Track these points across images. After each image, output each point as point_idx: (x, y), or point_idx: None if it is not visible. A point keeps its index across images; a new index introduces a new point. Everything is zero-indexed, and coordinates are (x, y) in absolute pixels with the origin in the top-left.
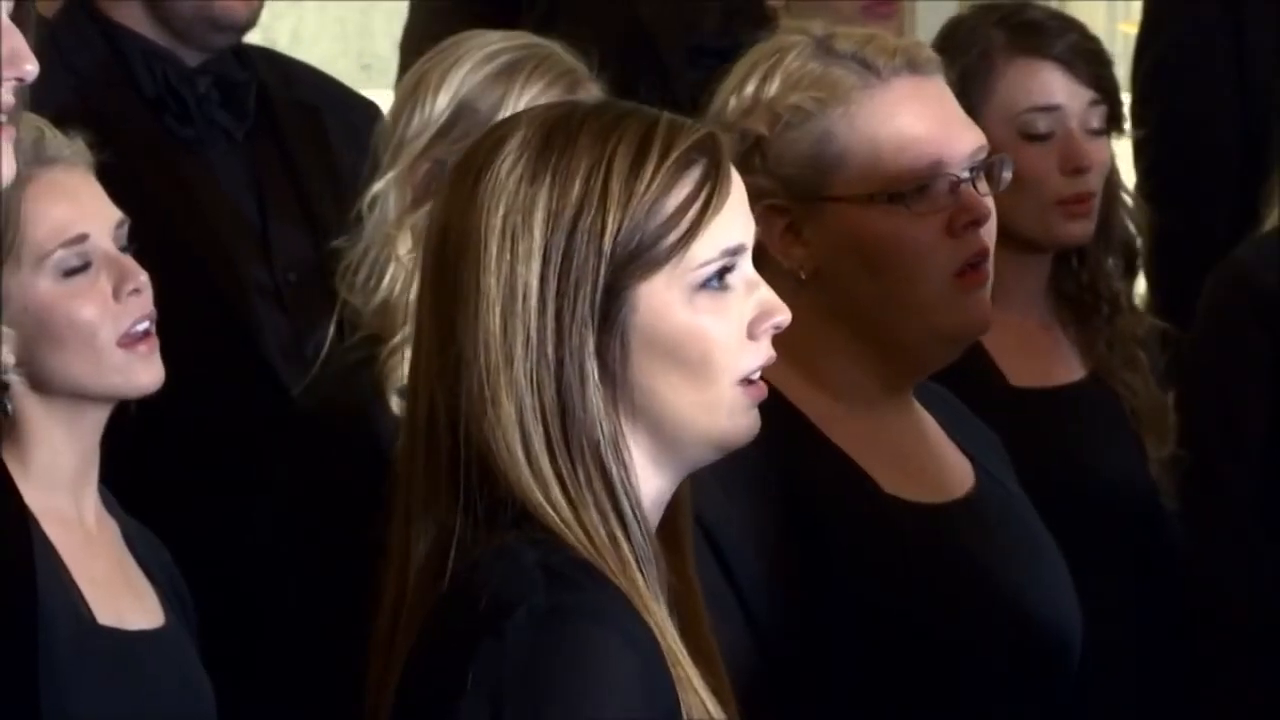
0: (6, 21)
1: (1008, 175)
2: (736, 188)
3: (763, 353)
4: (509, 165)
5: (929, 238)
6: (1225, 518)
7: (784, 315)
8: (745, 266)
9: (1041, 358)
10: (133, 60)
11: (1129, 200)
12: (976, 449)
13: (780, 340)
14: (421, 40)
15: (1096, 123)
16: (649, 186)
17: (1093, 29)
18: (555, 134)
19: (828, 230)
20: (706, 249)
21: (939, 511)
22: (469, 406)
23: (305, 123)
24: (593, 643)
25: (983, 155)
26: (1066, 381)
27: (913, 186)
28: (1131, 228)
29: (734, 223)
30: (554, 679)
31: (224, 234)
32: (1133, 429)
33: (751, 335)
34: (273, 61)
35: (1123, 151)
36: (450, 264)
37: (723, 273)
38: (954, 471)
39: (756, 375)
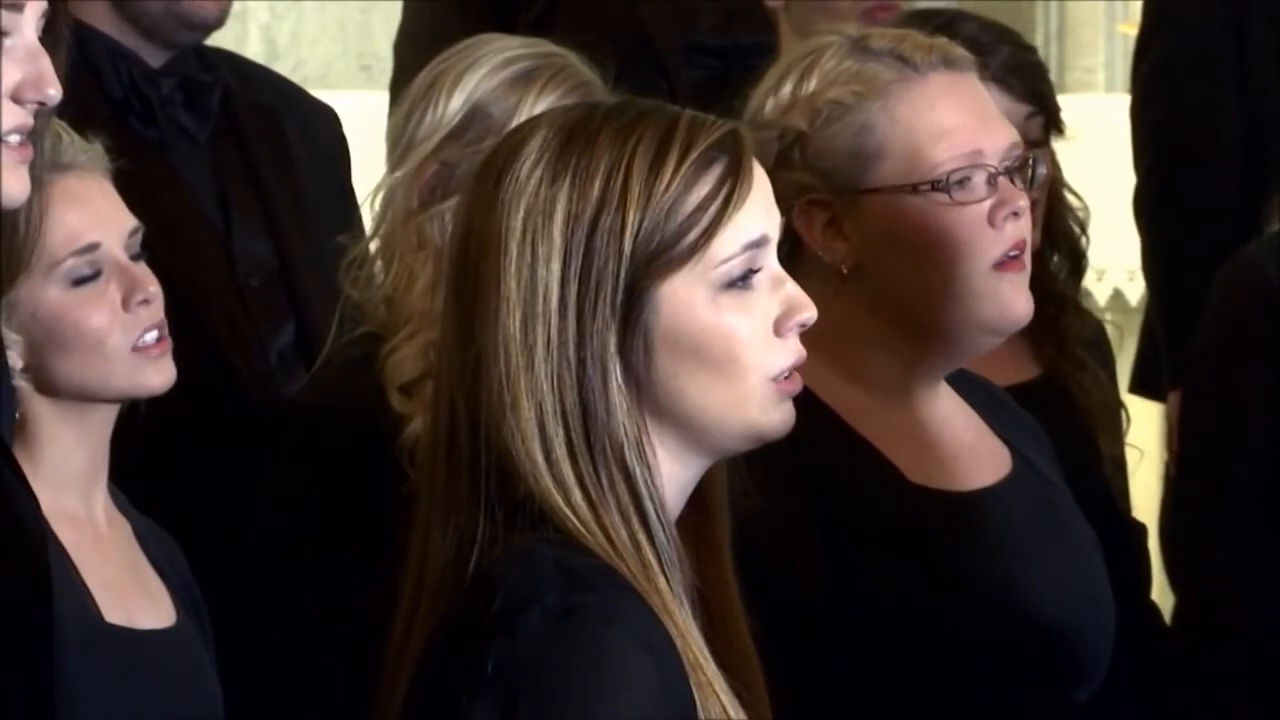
0: (34, 44)
1: (1043, 172)
2: (759, 182)
3: (792, 351)
4: (529, 167)
5: (969, 227)
6: (1228, 517)
7: (810, 313)
8: (770, 263)
9: (995, 360)
10: (99, 60)
11: (1073, 201)
12: (1016, 437)
13: (815, 335)
14: (417, 40)
15: (1034, 134)
16: (669, 185)
17: (1092, 29)
18: (575, 135)
19: (869, 222)
20: (728, 245)
21: (966, 500)
22: (489, 410)
23: (265, 126)
24: (606, 643)
25: (1017, 152)
26: (1019, 381)
27: (953, 175)
28: (1076, 229)
29: (756, 217)
30: (567, 679)
31: (187, 237)
32: (1086, 428)
33: (778, 333)
34: (233, 64)
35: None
36: (471, 266)
37: (749, 272)
38: (988, 459)
39: (789, 373)
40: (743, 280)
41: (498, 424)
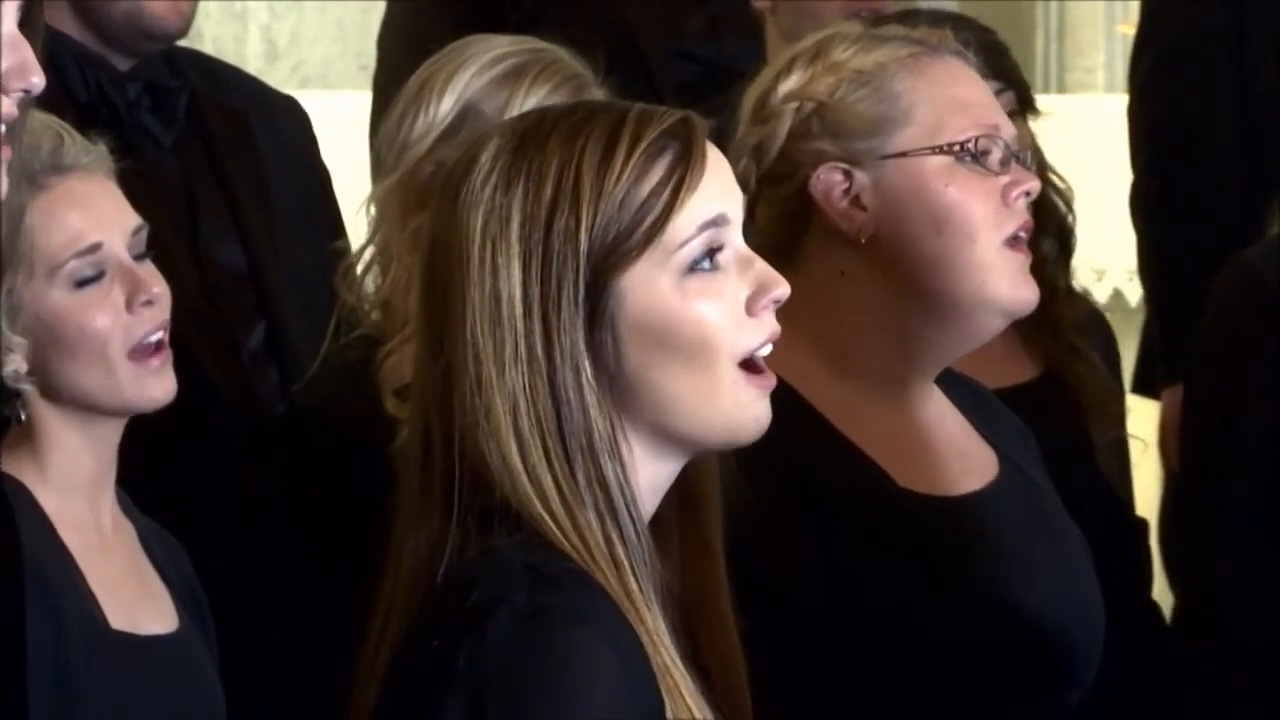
0: (15, 33)
1: (1032, 169)
2: (715, 164)
3: (765, 329)
4: (483, 177)
5: (987, 199)
6: (1227, 518)
7: (783, 288)
8: (735, 243)
9: (992, 361)
10: (65, 64)
11: (1058, 182)
12: (1003, 440)
13: (810, 328)
14: (399, 40)
15: (1006, 107)
16: (619, 178)
17: (1093, 29)
18: (526, 141)
19: (891, 188)
20: (684, 227)
21: (955, 505)
22: (462, 419)
23: (233, 129)
24: (574, 644)
25: (1015, 147)
26: (1017, 383)
27: (979, 142)
28: (1063, 207)
29: (712, 198)
30: (535, 679)
31: (155, 241)
32: (1083, 425)
33: (750, 312)
34: (201, 66)
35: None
36: (437, 280)
37: (711, 253)
38: (976, 463)
39: (761, 356)
40: (708, 262)
41: (471, 432)
